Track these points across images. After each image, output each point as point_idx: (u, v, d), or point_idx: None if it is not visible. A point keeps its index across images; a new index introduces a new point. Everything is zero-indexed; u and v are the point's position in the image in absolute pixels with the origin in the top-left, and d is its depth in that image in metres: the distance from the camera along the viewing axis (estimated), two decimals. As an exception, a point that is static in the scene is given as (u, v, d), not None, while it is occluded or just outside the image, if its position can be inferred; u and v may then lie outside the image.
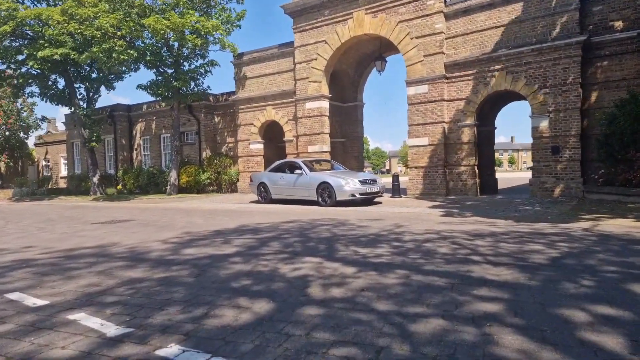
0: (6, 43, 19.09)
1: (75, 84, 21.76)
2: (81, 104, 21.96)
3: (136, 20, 17.05)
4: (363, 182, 11.95)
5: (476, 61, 13.04)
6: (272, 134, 19.15)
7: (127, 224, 9.29)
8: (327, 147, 16.60)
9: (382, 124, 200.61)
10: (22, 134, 30.84)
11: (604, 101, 11.68)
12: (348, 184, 11.65)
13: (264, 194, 13.97)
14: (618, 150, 10.59)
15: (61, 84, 21.98)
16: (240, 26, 18.89)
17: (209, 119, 21.07)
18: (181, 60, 19.01)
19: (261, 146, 19.00)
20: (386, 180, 14.83)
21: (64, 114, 28.31)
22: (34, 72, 20.40)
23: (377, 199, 13.00)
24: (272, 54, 18.13)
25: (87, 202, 18.75)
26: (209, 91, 20.24)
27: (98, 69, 20.65)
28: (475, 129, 13.42)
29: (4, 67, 20.99)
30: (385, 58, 16.79)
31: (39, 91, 21.58)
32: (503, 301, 3.08)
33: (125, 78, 25.63)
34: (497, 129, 16.24)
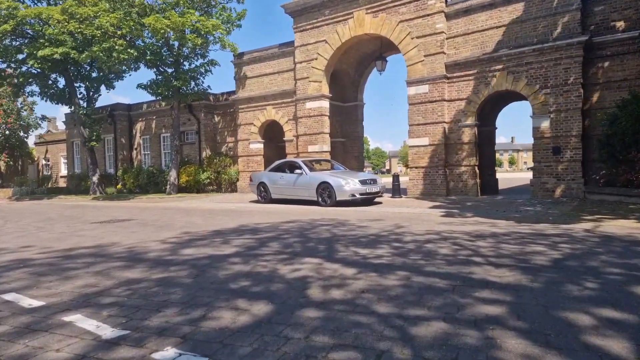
0: (6, 42, 19.05)
1: (76, 83, 21.73)
2: (81, 103, 21.92)
3: (136, 20, 17.02)
4: (363, 182, 11.90)
5: (477, 61, 13.00)
6: (272, 133, 19.11)
7: (126, 224, 9.24)
8: (327, 147, 16.55)
9: (382, 124, 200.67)
10: (22, 133, 30.79)
11: (605, 101, 11.63)
12: (348, 184, 11.60)
13: (263, 194, 13.93)
14: (619, 150, 10.54)
15: (61, 83, 21.98)
16: (241, 26, 18.87)
17: (209, 118, 21.03)
18: (181, 60, 18.97)
19: (261, 146, 18.96)
20: (386, 180, 14.79)
21: (64, 113, 28.27)
22: (34, 71, 20.35)
23: (377, 199, 12.95)
24: (273, 53, 18.09)
25: (86, 202, 18.70)
26: (209, 91, 20.20)
27: (98, 68, 20.60)
28: (476, 129, 13.38)
29: (4, 66, 20.98)
30: (386, 58, 16.75)
31: (39, 90, 21.54)
32: (505, 304, 3.03)
33: (126, 77, 25.57)
34: (497, 129, 16.19)
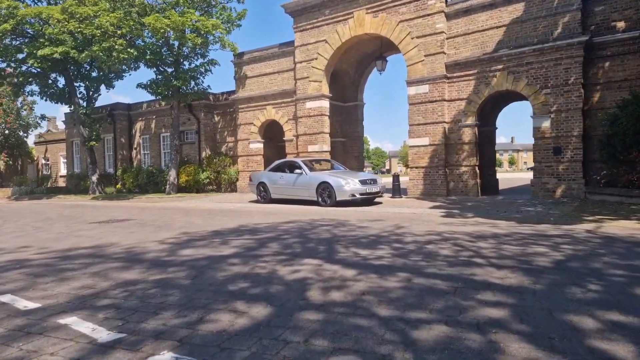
0: (6, 41, 18.99)
1: (75, 83, 21.68)
2: (81, 102, 21.88)
3: (136, 19, 16.97)
4: (363, 182, 11.86)
5: (477, 61, 12.95)
6: (272, 133, 19.06)
7: (125, 224, 9.19)
8: (327, 147, 16.51)
9: (382, 124, 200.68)
10: (21, 132, 30.72)
11: (606, 102, 11.59)
12: (348, 184, 11.56)
13: (263, 194, 13.88)
14: (620, 151, 10.50)
15: (61, 82, 21.92)
16: (241, 25, 18.83)
17: (209, 118, 20.98)
18: (181, 59, 18.92)
19: (261, 145, 18.91)
20: (386, 180, 14.75)
21: (63, 113, 28.23)
22: (34, 70, 20.30)
23: (377, 199, 12.91)
24: (273, 53, 18.04)
25: (86, 201, 18.66)
26: (209, 90, 20.16)
27: (98, 67, 20.55)
28: (476, 129, 13.33)
29: (4, 65, 20.95)
30: (386, 58, 16.70)
31: (38, 90, 21.49)
32: (508, 306, 2.99)
33: (125, 77, 25.56)
34: (497, 129, 16.15)
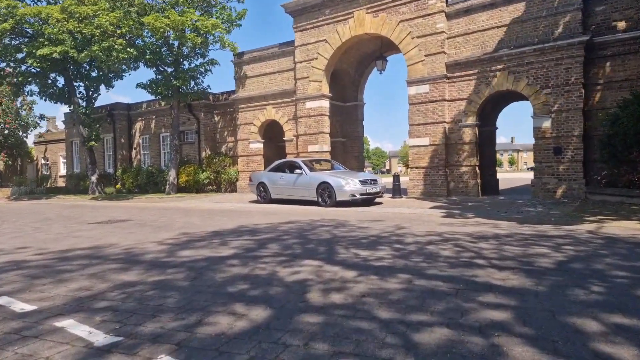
0: (6, 41, 18.95)
1: (75, 83, 21.62)
2: (80, 102, 21.82)
3: (136, 19, 16.93)
4: (363, 182, 11.82)
5: (478, 61, 12.92)
6: (272, 133, 19.02)
7: (124, 224, 9.16)
8: (327, 147, 16.47)
9: (383, 124, 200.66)
10: (20, 132, 30.67)
11: (607, 102, 11.56)
12: (348, 184, 11.52)
13: (263, 194, 13.85)
14: (621, 151, 10.47)
15: (61, 82, 21.87)
16: (241, 25, 18.78)
17: (209, 118, 20.95)
18: (181, 59, 18.87)
19: (261, 145, 18.87)
20: (386, 181, 14.72)
21: (63, 113, 28.18)
22: (33, 70, 20.25)
23: (377, 200, 12.87)
24: (273, 53, 18.00)
25: (85, 201, 18.62)
26: (208, 90, 20.11)
27: (98, 67, 20.50)
28: (477, 129, 13.30)
29: (3, 65, 20.92)
30: (386, 57, 16.67)
31: (38, 90, 21.44)
32: (510, 308, 2.95)
33: (125, 77, 25.52)
34: (498, 129, 16.11)
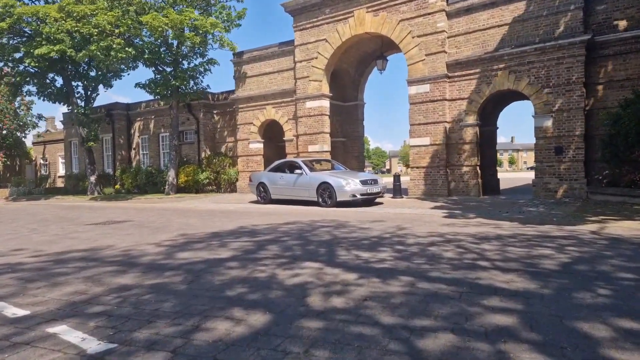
0: (3, 41, 18.85)
1: (73, 82, 21.52)
2: (79, 102, 21.72)
3: (134, 18, 16.83)
4: (364, 182, 11.75)
5: (478, 60, 12.84)
6: (272, 133, 18.94)
7: (122, 225, 9.07)
8: (327, 147, 16.39)
9: (383, 124, 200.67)
10: (18, 133, 30.56)
11: (608, 101, 11.49)
12: (349, 184, 11.44)
13: (263, 194, 13.77)
14: (623, 150, 10.39)
15: (59, 82, 21.77)
16: (240, 25, 18.67)
17: (208, 118, 20.86)
18: (180, 59, 18.78)
19: (261, 145, 18.79)
20: (387, 180, 14.64)
21: (62, 113, 28.06)
22: (31, 70, 20.15)
23: (378, 200, 12.79)
24: (273, 52, 17.92)
25: (84, 202, 18.53)
26: (208, 90, 20.04)
27: (96, 67, 20.41)
28: (478, 128, 13.22)
29: (1, 64, 20.80)
30: (387, 57, 16.57)
31: (36, 90, 21.35)
32: (516, 312, 2.87)
33: (124, 76, 25.36)
34: (498, 128, 16.04)
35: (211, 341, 2.51)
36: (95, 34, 16.54)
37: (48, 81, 21.29)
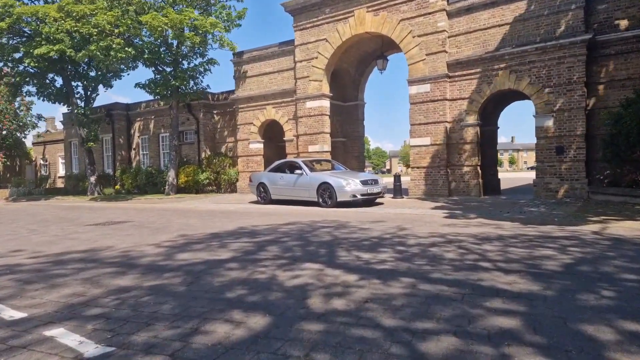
0: (3, 41, 18.82)
1: (73, 83, 21.48)
2: (79, 102, 21.68)
3: (134, 18, 16.80)
4: (364, 182, 11.71)
5: (479, 60, 12.80)
6: (272, 133, 18.90)
7: (122, 226, 9.04)
8: (327, 147, 16.35)
9: (383, 124, 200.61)
10: (18, 133, 30.52)
11: (609, 100, 11.46)
12: (349, 184, 11.41)
13: (263, 195, 13.73)
14: (624, 150, 10.35)
15: (59, 82, 21.73)
16: (240, 25, 18.63)
17: (208, 118, 20.82)
18: (180, 59, 18.74)
19: (261, 146, 18.75)
20: (387, 181, 14.61)
21: (62, 113, 28.01)
22: (31, 70, 20.11)
23: (378, 200, 12.76)
24: (273, 52, 17.88)
25: (83, 203, 18.49)
26: (208, 90, 20.00)
27: (96, 67, 20.37)
28: (478, 128, 13.19)
29: (0, 64, 20.76)
30: (387, 57, 16.53)
31: (36, 90, 21.31)
32: (519, 315, 2.84)
33: (124, 76, 25.30)
34: (499, 128, 16.00)
35: (210, 344, 2.47)
36: (95, 33, 16.50)
37: (48, 81, 21.25)
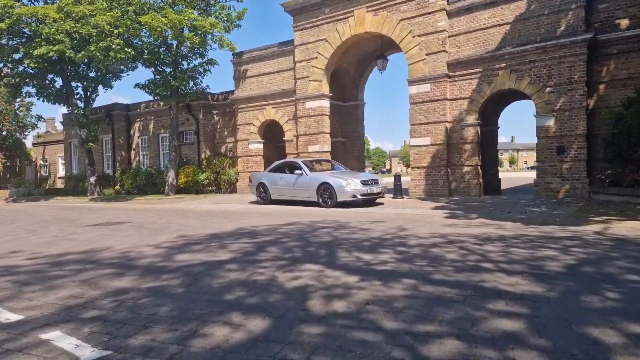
0: (3, 41, 18.79)
1: (73, 83, 21.44)
2: (79, 103, 21.64)
3: (133, 18, 16.76)
4: (364, 182, 11.67)
5: (479, 60, 12.76)
6: (271, 133, 18.86)
7: (121, 227, 9.00)
8: (327, 147, 16.31)
9: (383, 124, 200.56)
10: (18, 134, 30.48)
11: (610, 100, 11.41)
12: (349, 184, 11.37)
13: (263, 195, 13.69)
14: (625, 150, 10.31)
15: (59, 83, 21.70)
16: (240, 26, 18.57)
17: (208, 118, 20.78)
18: (180, 59, 18.69)
19: (261, 146, 18.71)
20: (387, 181, 14.56)
21: (61, 114, 27.98)
22: (31, 71, 20.06)
23: (378, 200, 12.71)
24: (272, 52, 17.84)
25: (83, 203, 18.45)
26: (207, 90, 19.94)
27: (95, 67, 20.34)
28: (479, 128, 13.14)
29: (0, 65, 20.71)
30: (387, 56, 16.48)
31: (35, 91, 21.27)
32: (523, 317, 2.79)
33: (123, 77, 25.26)
34: (499, 128, 15.95)
35: (208, 348, 2.43)
36: (95, 34, 16.47)
37: (47, 82, 21.21)
